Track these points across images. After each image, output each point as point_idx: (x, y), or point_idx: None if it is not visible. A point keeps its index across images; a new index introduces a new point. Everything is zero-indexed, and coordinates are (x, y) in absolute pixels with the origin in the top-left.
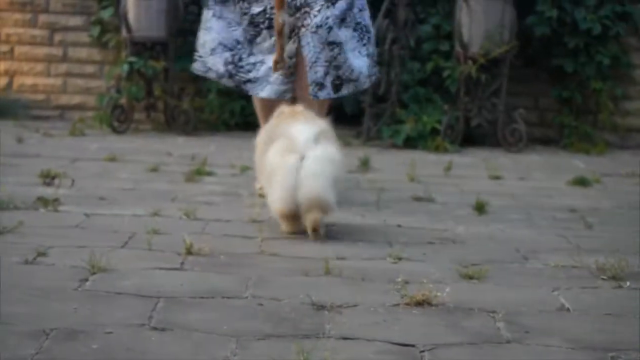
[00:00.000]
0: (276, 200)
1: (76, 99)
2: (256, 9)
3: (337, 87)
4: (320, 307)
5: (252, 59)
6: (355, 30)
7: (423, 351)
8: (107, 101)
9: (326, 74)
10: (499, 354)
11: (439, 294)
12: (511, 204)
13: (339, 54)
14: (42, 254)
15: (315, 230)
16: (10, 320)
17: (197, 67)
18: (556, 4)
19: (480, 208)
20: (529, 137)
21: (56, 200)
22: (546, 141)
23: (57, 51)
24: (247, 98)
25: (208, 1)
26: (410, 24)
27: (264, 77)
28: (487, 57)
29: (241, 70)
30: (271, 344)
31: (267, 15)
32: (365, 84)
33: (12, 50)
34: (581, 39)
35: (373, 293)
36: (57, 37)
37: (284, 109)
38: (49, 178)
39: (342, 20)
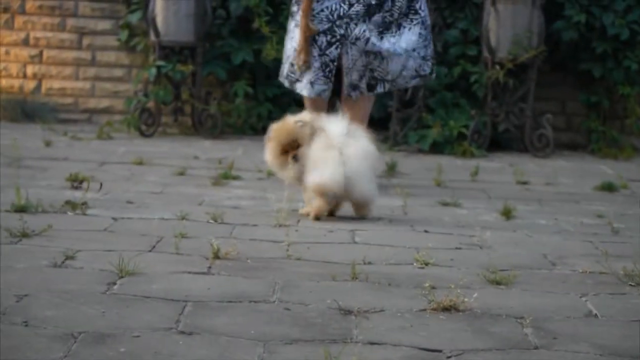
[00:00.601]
0: (326, 179)
1: (104, 103)
2: (295, 8)
3: (370, 87)
4: (348, 312)
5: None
6: (416, 25)
7: (450, 357)
8: (134, 105)
9: (361, 77)
10: (526, 359)
11: (466, 299)
12: (538, 209)
13: (375, 59)
14: (70, 258)
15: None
16: (38, 323)
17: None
18: (584, 8)
19: (507, 213)
20: (556, 142)
21: (84, 204)
22: (573, 146)
23: (85, 55)
24: (274, 102)
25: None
26: (438, 28)
27: (308, 77)
28: (515, 62)
29: (293, 73)
30: (298, 348)
31: (310, 18)
32: (408, 83)
33: (40, 54)
34: (609, 44)
35: (400, 298)
36: (86, 41)
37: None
38: (77, 182)
39: (381, 32)
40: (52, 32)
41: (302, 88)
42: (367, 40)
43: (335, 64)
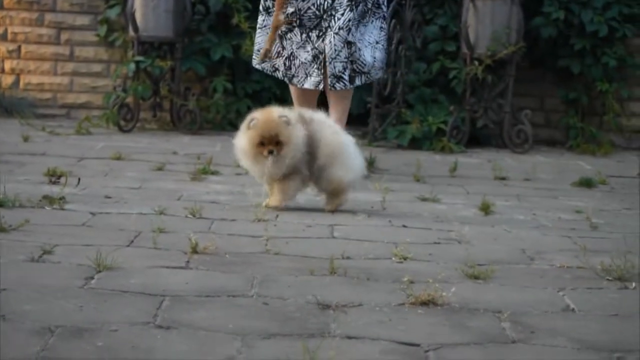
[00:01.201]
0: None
1: (82, 98)
2: (290, 9)
3: (352, 79)
4: (326, 307)
5: (285, 53)
6: (378, 19)
7: (428, 351)
8: (113, 100)
9: (345, 68)
10: (504, 353)
11: (444, 293)
12: (517, 204)
13: (355, 51)
14: (48, 252)
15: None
16: (15, 317)
17: (254, 62)
18: (563, 5)
19: (486, 209)
20: (534, 138)
21: (62, 199)
22: (552, 142)
23: (63, 50)
24: (253, 98)
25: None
26: (417, 24)
27: (304, 70)
28: (494, 58)
29: (289, 69)
30: (276, 342)
31: (299, 15)
32: (377, 75)
33: (19, 49)
34: (588, 41)
35: (378, 292)
36: (64, 36)
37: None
38: (54, 176)
39: (359, 22)
40: (30, 27)
41: (302, 82)
42: (349, 30)
43: (323, 55)
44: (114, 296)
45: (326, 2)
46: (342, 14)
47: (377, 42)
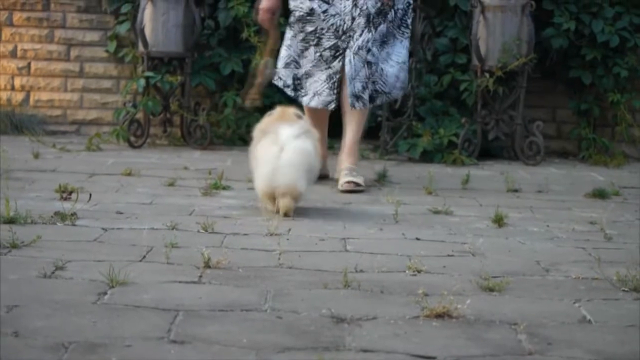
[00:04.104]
0: (259, 182)
1: (93, 114)
2: (309, 28)
3: (372, 99)
4: (340, 320)
5: (300, 72)
6: (405, 39)
7: None
8: (123, 116)
9: (364, 88)
10: None
11: (459, 306)
12: (530, 216)
13: (376, 71)
14: (60, 268)
15: (286, 214)
16: (29, 334)
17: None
18: (574, 16)
19: (499, 221)
20: (546, 150)
21: (73, 215)
22: (564, 154)
23: (73, 66)
24: (263, 112)
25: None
26: (427, 37)
27: (313, 89)
28: (505, 70)
29: (299, 84)
30: (291, 356)
31: (317, 35)
32: (398, 94)
33: (28, 66)
34: (599, 51)
35: (392, 305)
36: (74, 52)
37: (276, 109)
38: (66, 193)
39: (383, 42)
40: (40, 43)
41: (309, 100)
42: (369, 50)
43: (339, 75)
44: (127, 311)
45: (345, 24)
46: (360, 35)
47: (403, 62)
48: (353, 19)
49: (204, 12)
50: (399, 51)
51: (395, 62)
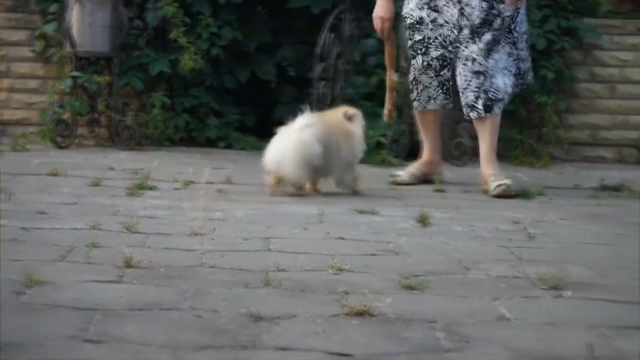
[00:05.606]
0: (266, 159)
1: (19, 114)
2: (417, 37)
3: (487, 107)
4: (259, 319)
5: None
6: (508, 44)
7: None
8: (50, 116)
9: (477, 97)
10: None
11: (379, 304)
12: (455, 216)
13: (485, 80)
14: None
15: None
16: None
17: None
18: None
19: (424, 220)
20: (473, 150)
21: None
22: None
23: None
24: (191, 113)
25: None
26: (356, 38)
27: (426, 94)
28: None
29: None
30: (209, 355)
31: (425, 43)
32: (508, 99)
33: None
34: None
35: (313, 304)
36: (0, 52)
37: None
38: None
39: (489, 51)
40: None
41: (422, 104)
42: (474, 60)
43: (451, 83)
44: (44, 311)
45: (452, 35)
46: (466, 47)
47: (505, 68)
48: (460, 29)
49: (133, 12)
50: (502, 57)
51: (500, 68)
